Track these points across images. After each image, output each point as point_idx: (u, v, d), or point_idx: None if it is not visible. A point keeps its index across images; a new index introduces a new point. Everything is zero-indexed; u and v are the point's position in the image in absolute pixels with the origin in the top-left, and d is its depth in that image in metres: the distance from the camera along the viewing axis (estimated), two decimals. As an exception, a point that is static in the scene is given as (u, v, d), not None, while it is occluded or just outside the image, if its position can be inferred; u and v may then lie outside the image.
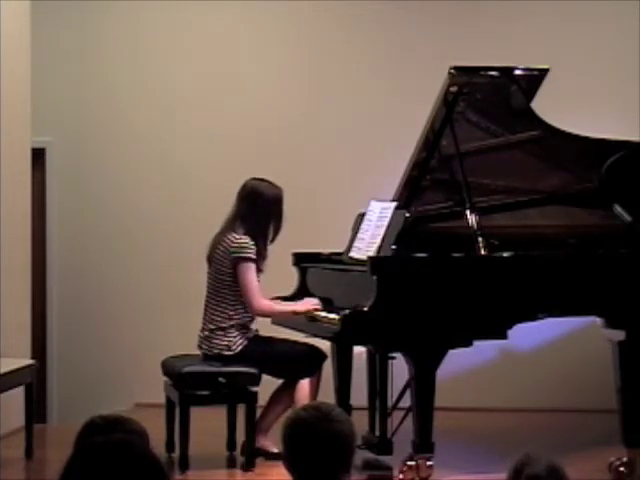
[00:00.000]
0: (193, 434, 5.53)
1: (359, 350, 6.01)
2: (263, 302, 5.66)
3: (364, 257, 5.41)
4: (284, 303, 5.84)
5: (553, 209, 5.86)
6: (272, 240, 5.80)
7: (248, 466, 5.56)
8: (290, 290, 6.10)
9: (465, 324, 5.10)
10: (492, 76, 5.58)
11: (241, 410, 5.74)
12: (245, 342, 5.65)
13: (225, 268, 5.68)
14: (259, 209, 5.73)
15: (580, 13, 7.50)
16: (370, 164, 7.45)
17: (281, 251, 5.84)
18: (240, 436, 5.78)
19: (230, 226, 5.75)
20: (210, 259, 5.80)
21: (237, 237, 5.67)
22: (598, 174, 5.74)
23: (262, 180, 5.85)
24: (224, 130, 7.69)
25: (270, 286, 5.78)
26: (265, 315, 5.76)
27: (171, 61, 7.76)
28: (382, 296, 4.99)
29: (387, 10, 7.63)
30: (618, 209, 5.71)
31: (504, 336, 5.14)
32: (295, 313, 5.64)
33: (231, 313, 5.67)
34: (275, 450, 5.58)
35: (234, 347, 5.64)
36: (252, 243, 5.65)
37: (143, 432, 2.57)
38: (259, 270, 5.72)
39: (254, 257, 5.65)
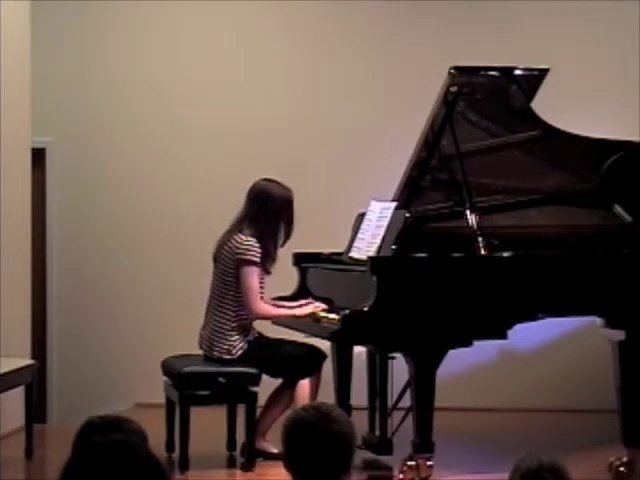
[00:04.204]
0: (193, 434, 5.52)
1: (359, 350, 6.01)
2: (262, 306, 5.64)
3: (364, 257, 5.42)
4: (285, 305, 5.82)
5: (553, 209, 5.86)
6: (283, 243, 5.79)
7: (248, 466, 5.55)
8: (290, 290, 6.10)
9: (465, 324, 5.10)
10: (492, 76, 5.59)
11: (241, 410, 5.73)
12: (245, 346, 5.64)
13: (229, 268, 5.67)
14: (268, 210, 5.70)
15: (580, 13, 7.50)
16: (370, 164, 7.45)
17: (281, 251, 5.83)
18: (240, 436, 5.77)
19: (238, 226, 5.73)
20: (216, 258, 5.79)
21: (243, 238, 5.66)
22: (598, 174, 5.74)
23: (271, 181, 5.82)
24: (225, 130, 7.69)
25: (270, 286, 5.78)
26: (263, 318, 5.75)
27: (172, 61, 7.76)
28: (382, 296, 4.99)
29: (387, 10, 7.63)
30: (618, 209, 5.71)
31: (504, 336, 5.14)
32: (296, 317, 5.64)
33: (233, 314, 5.67)
34: (274, 450, 5.58)
35: (234, 351, 5.63)
36: (257, 245, 5.64)
37: (141, 432, 2.57)
38: (267, 272, 5.71)
39: (258, 260, 5.63)
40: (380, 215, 5.62)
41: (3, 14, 6.48)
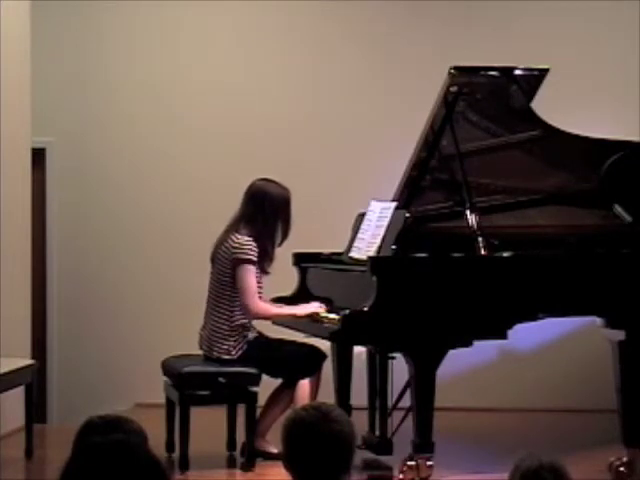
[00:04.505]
0: (193, 434, 5.52)
1: (359, 350, 6.00)
2: (260, 305, 5.63)
3: (364, 257, 5.41)
4: (284, 307, 5.81)
5: (553, 209, 5.86)
6: (280, 243, 5.78)
7: (248, 466, 5.55)
8: (290, 290, 6.10)
9: (465, 324, 5.10)
10: (492, 76, 5.58)
11: (241, 410, 5.73)
12: (245, 346, 5.63)
13: (226, 269, 5.66)
14: (266, 210, 5.69)
15: (580, 13, 7.50)
16: (370, 164, 7.45)
17: (281, 251, 5.83)
18: (240, 436, 5.77)
19: (234, 226, 5.72)
20: (213, 259, 5.78)
21: (239, 237, 5.65)
22: (598, 174, 5.74)
23: (269, 180, 5.81)
24: (225, 130, 7.69)
25: (270, 286, 5.77)
26: (262, 318, 5.73)
27: (172, 61, 7.76)
28: (382, 296, 4.99)
29: (387, 11, 7.63)
30: (618, 209, 5.71)
31: (504, 336, 5.14)
32: (296, 317, 5.62)
33: (230, 314, 5.66)
34: (274, 451, 5.57)
35: (234, 352, 5.62)
36: (254, 245, 5.63)
37: (141, 432, 2.57)
38: (265, 272, 5.69)
39: (254, 259, 5.62)
40: (380, 215, 5.62)
41: (3, 14, 6.47)
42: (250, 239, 5.63)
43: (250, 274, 5.60)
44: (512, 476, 2.66)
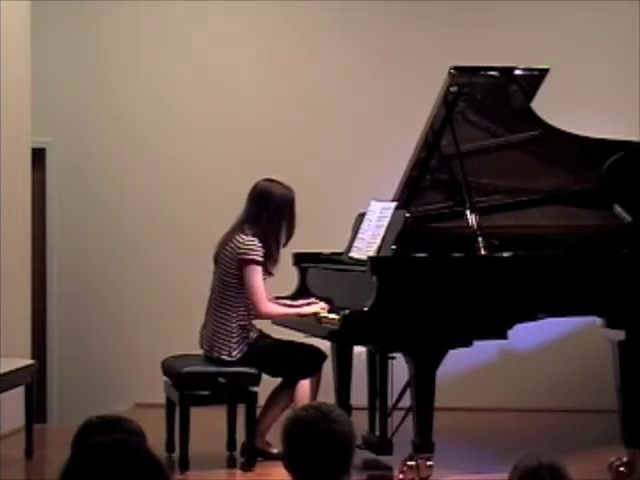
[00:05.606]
0: (193, 434, 5.53)
1: (359, 350, 6.01)
2: (269, 305, 5.63)
3: (364, 257, 5.41)
4: (289, 303, 5.80)
5: (553, 209, 5.86)
6: (285, 244, 5.77)
7: (248, 466, 5.55)
8: (290, 290, 6.10)
9: (465, 324, 5.10)
10: (492, 76, 5.59)
11: (241, 410, 5.73)
12: (245, 348, 5.63)
13: (230, 269, 5.65)
14: (270, 210, 5.68)
15: (580, 13, 7.50)
16: (370, 164, 7.45)
17: (281, 251, 5.83)
18: (240, 436, 5.77)
19: (239, 227, 5.71)
20: (216, 259, 5.78)
21: (245, 238, 5.64)
22: (598, 174, 5.74)
23: (273, 181, 5.81)
24: (225, 130, 7.69)
25: (270, 286, 5.77)
26: (271, 318, 5.73)
27: (172, 61, 7.76)
28: (382, 296, 4.99)
29: (387, 11, 7.63)
30: (618, 209, 5.71)
31: (504, 336, 5.14)
32: (301, 316, 5.62)
33: (233, 315, 5.65)
34: (275, 451, 5.58)
35: (234, 353, 5.62)
36: (260, 245, 5.62)
37: (140, 432, 2.57)
38: (269, 273, 5.68)
39: (261, 259, 5.61)
40: (380, 215, 5.62)
41: (3, 14, 6.47)
42: (255, 239, 5.63)
43: (257, 274, 5.59)
44: (511, 476, 2.67)
